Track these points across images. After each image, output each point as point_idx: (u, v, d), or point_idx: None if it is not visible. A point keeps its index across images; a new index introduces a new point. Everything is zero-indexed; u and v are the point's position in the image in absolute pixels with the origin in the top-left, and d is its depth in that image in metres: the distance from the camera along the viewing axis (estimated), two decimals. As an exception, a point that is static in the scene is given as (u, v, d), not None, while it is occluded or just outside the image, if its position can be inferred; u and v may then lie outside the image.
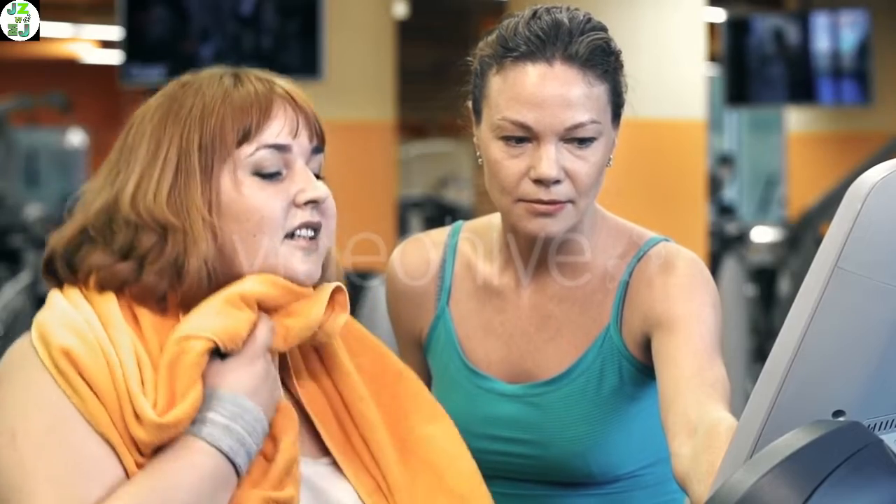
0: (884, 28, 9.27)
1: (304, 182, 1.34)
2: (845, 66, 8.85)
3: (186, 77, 1.38)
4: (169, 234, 1.30)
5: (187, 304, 1.31)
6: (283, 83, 1.37)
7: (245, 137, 1.32)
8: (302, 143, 1.35)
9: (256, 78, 1.37)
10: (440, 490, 1.41)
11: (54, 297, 1.33)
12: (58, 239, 1.36)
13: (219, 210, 1.31)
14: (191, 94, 1.34)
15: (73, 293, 1.32)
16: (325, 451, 1.39)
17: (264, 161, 1.32)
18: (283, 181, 1.34)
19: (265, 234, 1.32)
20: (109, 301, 1.30)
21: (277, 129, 1.33)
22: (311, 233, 1.34)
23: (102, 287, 1.31)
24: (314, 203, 1.34)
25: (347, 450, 1.40)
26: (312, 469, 1.36)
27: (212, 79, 1.36)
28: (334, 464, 1.39)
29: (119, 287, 1.31)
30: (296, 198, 1.33)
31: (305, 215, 1.34)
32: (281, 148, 1.33)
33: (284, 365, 1.40)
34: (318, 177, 1.37)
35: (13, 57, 12.86)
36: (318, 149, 1.38)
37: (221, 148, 1.32)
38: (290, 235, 1.33)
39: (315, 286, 1.37)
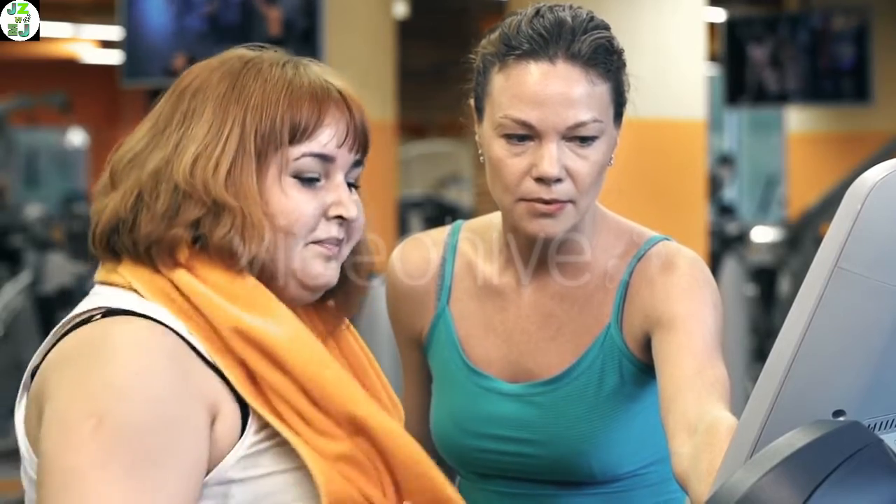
0: (884, 28, 9.27)
1: (338, 195, 1.35)
2: (845, 67, 8.85)
3: (247, 53, 1.38)
4: (224, 213, 1.29)
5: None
6: (338, 82, 1.38)
7: (296, 136, 1.33)
8: (345, 156, 1.36)
9: (315, 72, 1.37)
10: None
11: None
12: (115, 206, 1.32)
13: (265, 201, 1.32)
14: (252, 75, 1.34)
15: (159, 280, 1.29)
16: None
17: (307, 166, 1.33)
18: (319, 189, 1.35)
19: (293, 236, 1.33)
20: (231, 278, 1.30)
21: (327, 137, 1.34)
22: (335, 245, 1.36)
23: (164, 257, 1.29)
24: (342, 219, 1.36)
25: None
26: None
27: (273, 64, 1.36)
28: None
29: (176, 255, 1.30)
30: (328, 209, 1.35)
31: (332, 230, 1.35)
32: (325, 158, 1.34)
33: None
34: (354, 186, 1.39)
35: (13, 57, 12.86)
36: (359, 162, 1.39)
37: (274, 141, 1.32)
38: (315, 241, 1.35)
39: (355, 270, 1.41)
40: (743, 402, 1.04)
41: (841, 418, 1.02)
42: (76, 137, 13.93)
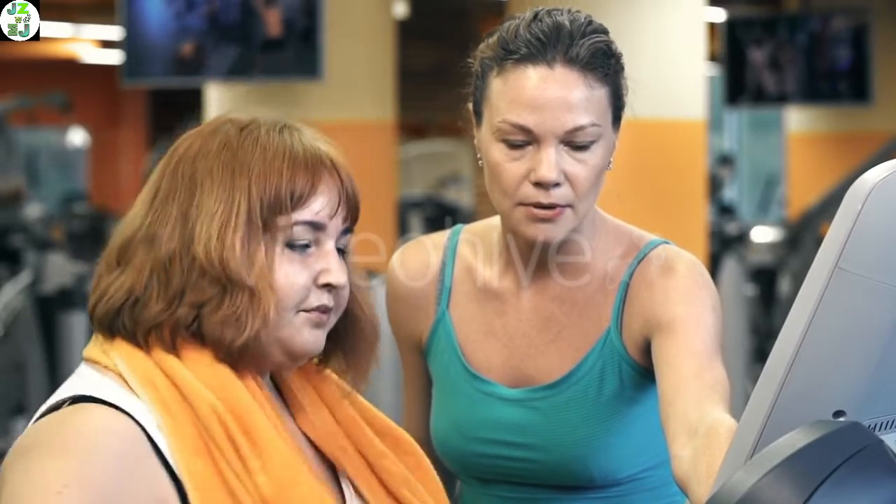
0: (883, 28, 9.27)
1: (328, 263, 1.34)
2: (845, 67, 8.85)
3: (240, 118, 1.37)
4: (232, 290, 1.28)
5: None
6: (330, 150, 1.37)
7: (292, 205, 1.32)
8: (336, 224, 1.36)
9: (308, 138, 1.36)
10: None
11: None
12: (131, 282, 1.31)
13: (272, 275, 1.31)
14: (251, 143, 1.33)
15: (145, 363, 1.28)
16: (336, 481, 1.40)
17: (299, 235, 1.33)
18: (310, 256, 1.34)
19: (284, 308, 1.31)
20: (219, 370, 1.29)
21: (319, 206, 1.33)
22: (323, 313, 1.35)
23: (165, 340, 1.28)
24: (331, 287, 1.35)
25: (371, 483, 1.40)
26: None
27: (269, 130, 1.35)
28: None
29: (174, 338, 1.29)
30: (318, 277, 1.34)
31: (322, 298, 1.34)
32: (317, 226, 1.34)
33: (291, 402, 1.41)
34: (343, 252, 1.38)
35: (13, 57, 12.86)
36: (349, 230, 1.38)
37: (277, 210, 1.31)
38: (304, 309, 1.34)
39: (348, 331, 1.40)
40: (743, 402, 1.04)
41: (841, 419, 1.02)
42: (76, 137, 13.92)
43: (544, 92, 1.58)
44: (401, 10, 9.82)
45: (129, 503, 1.20)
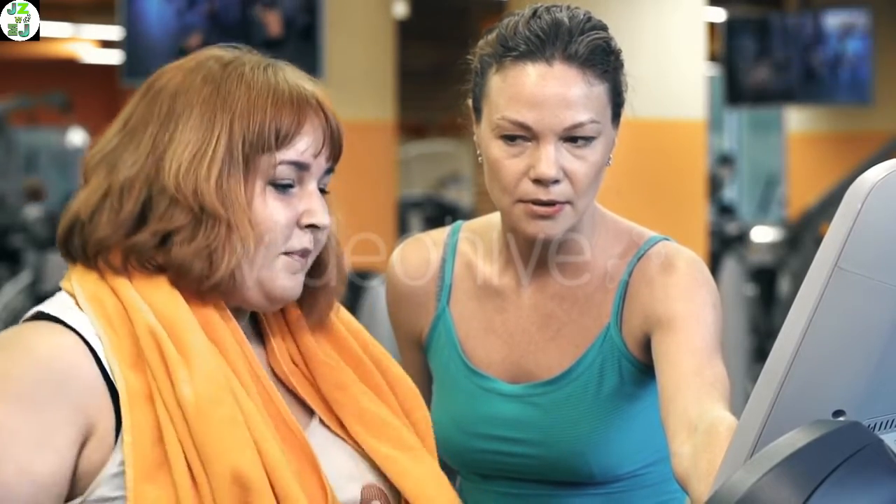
0: (884, 28, 9.28)
1: (311, 203, 1.34)
2: (845, 67, 8.85)
3: (224, 54, 1.36)
4: (208, 222, 1.28)
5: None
6: (315, 89, 1.36)
7: (277, 143, 1.31)
8: (320, 163, 1.35)
9: (292, 77, 1.35)
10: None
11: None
12: (77, 205, 1.32)
13: (251, 210, 1.30)
14: (235, 79, 1.32)
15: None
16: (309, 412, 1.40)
17: (283, 174, 1.32)
18: (292, 196, 1.33)
19: (267, 246, 1.31)
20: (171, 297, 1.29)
21: (304, 145, 1.33)
22: (303, 256, 1.35)
23: (114, 265, 1.29)
24: (315, 227, 1.34)
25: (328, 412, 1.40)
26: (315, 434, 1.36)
27: (254, 67, 1.34)
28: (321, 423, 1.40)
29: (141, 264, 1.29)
30: (301, 217, 1.33)
31: (304, 241, 1.34)
32: (301, 166, 1.33)
33: (262, 333, 1.41)
34: (324, 191, 1.37)
35: (13, 57, 12.86)
36: (331, 169, 1.38)
37: (261, 148, 1.30)
38: (286, 251, 1.33)
39: (318, 283, 1.39)
40: (743, 402, 1.04)
41: (841, 418, 1.02)
42: (76, 137, 13.92)
43: (543, 89, 1.58)
44: (401, 10, 9.82)
45: (49, 409, 1.21)
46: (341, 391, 1.39)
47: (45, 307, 1.29)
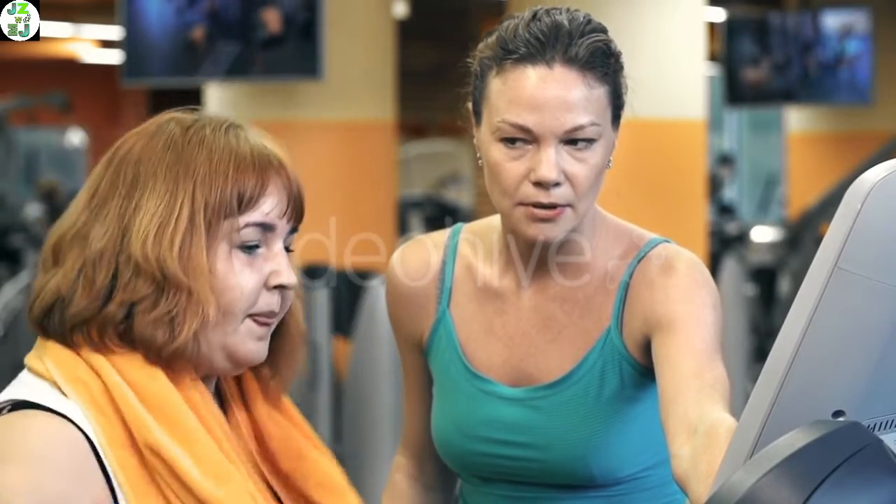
0: (884, 28, 9.27)
1: (278, 264, 1.34)
2: (845, 67, 8.85)
3: (184, 118, 1.35)
4: (170, 290, 1.27)
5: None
6: (277, 150, 1.36)
7: (240, 207, 1.31)
8: (284, 225, 1.35)
9: (254, 138, 1.35)
10: None
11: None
12: (57, 282, 1.30)
13: (213, 276, 1.30)
14: (196, 144, 1.31)
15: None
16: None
17: (249, 236, 1.32)
18: (259, 257, 1.33)
19: (232, 314, 1.31)
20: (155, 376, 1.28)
21: (269, 206, 1.32)
22: (270, 317, 1.35)
23: (92, 339, 1.28)
24: (282, 288, 1.34)
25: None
26: None
27: (215, 129, 1.33)
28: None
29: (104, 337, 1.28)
30: (268, 279, 1.33)
31: (272, 302, 1.34)
32: (267, 227, 1.33)
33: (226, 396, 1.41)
34: (289, 250, 1.37)
35: (13, 57, 12.87)
36: (295, 229, 1.38)
37: (223, 213, 1.30)
38: (251, 315, 1.33)
39: (284, 346, 1.40)
40: (743, 402, 1.04)
41: (841, 418, 1.02)
42: (76, 137, 13.92)
43: (543, 92, 1.58)
44: (401, 10, 9.82)
45: None
46: (300, 461, 1.40)
47: (29, 395, 1.27)
